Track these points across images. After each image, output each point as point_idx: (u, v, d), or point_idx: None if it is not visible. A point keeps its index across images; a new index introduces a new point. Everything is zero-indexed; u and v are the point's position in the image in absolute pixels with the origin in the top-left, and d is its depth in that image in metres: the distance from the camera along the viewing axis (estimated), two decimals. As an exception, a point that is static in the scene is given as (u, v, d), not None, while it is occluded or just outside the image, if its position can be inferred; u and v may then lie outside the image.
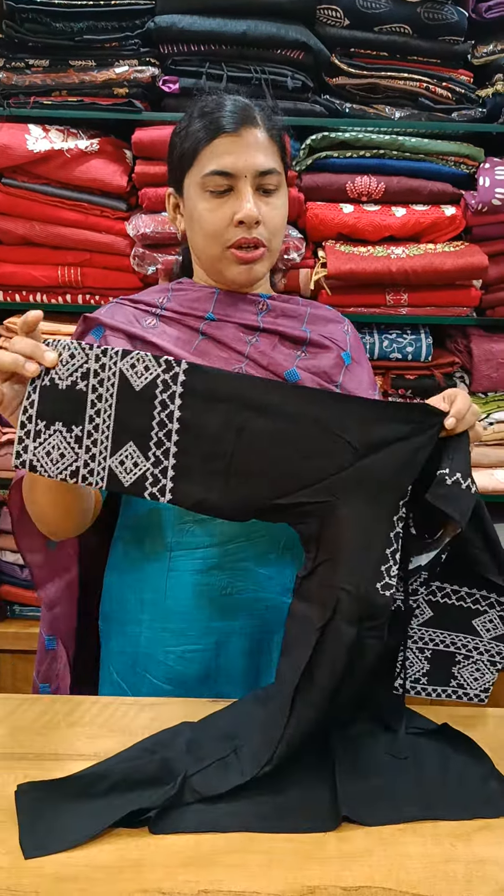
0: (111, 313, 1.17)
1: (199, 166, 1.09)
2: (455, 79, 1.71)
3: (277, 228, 1.11)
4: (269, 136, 1.10)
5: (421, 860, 0.79)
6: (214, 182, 1.07)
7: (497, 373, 1.74)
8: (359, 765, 0.91)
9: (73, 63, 1.66)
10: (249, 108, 1.10)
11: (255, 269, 1.11)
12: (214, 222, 1.09)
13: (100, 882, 0.75)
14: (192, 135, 1.10)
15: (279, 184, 1.10)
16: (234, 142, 1.07)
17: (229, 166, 1.07)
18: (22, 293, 1.77)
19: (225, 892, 0.74)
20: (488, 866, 0.78)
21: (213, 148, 1.07)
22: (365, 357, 1.24)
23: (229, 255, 1.10)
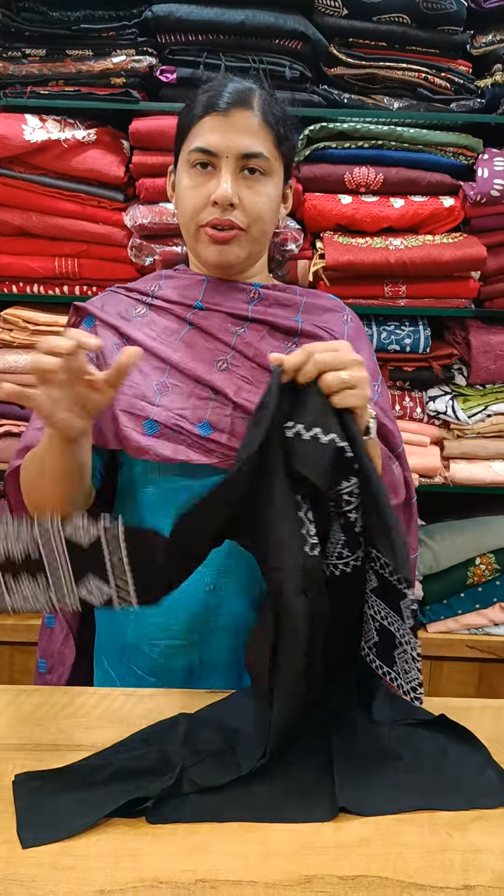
0: (103, 303, 1.17)
1: (188, 142, 1.09)
2: (454, 69, 1.71)
3: (259, 214, 1.09)
4: (264, 121, 1.08)
5: (418, 850, 0.79)
6: (197, 159, 1.07)
7: (495, 364, 1.73)
8: (356, 756, 0.91)
9: (70, 52, 1.66)
10: (247, 92, 1.09)
11: (227, 250, 1.09)
12: (192, 200, 1.08)
13: (97, 871, 0.76)
14: (188, 112, 1.11)
15: (267, 170, 1.08)
16: (221, 121, 1.06)
17: (212, 144, 1.06)
18: (19, 284, 1.76)
19: (222, 881, 0.75)
20: (484, 855, 0.79)
21: (201, 125, 1.07)
22: (367, 346, 1.21)
23: (202, 235, 1.09)
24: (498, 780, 0.89)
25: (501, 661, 1.84)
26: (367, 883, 0.75)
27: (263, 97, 1.11)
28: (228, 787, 0.86)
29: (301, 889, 0.74)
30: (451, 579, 1.83)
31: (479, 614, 1.85)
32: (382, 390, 1.20)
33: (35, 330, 1.72)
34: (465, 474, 1.77)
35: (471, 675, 1.85)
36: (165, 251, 1.68)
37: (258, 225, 1.10)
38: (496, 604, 1.84)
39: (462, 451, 1.78)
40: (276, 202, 1.13)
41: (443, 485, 1.78)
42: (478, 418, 1.75)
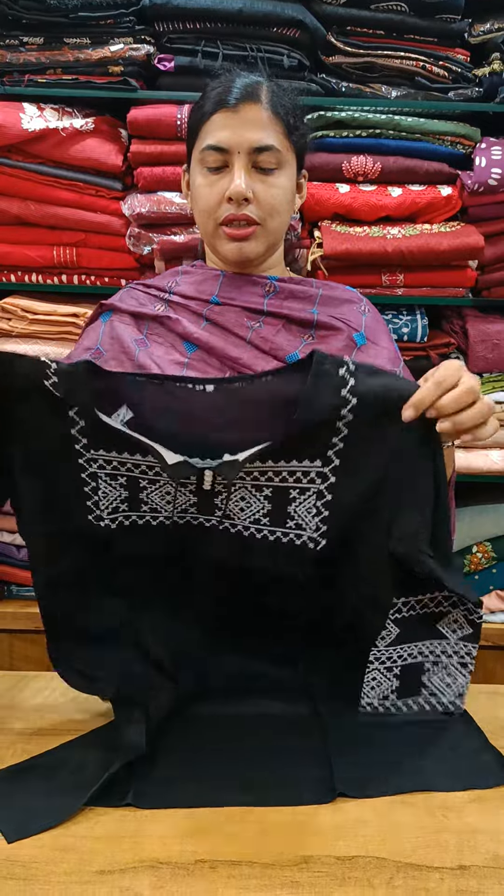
0: (121, 297, 1.20)
1: (200, 141, 1.10)
2: (452, 58, 1.70)
3: (274, 207, 1.10)
4: (273, 114, 1.09)
5: (414, 830, 0.80)
6: (209, 157, 1.08)
7: (492, 353, 1.74)
8: (352, 738, 0.92)
9: (67, 41, 1.65)
10: (255, 86, 1.09)
11: (246, 246, 1.11)
12: (208, 198, 1.09)
13: (98, 853, 0.77)
14: (198, 111, 1.11)
15: (280, 162, 1.09)
16: (230, 117, 1.07)
17: (223, 141, 1.07)
18: (17, 273, 1.76)
19: (221, 861, 0.76)
20: (480, 836, 0.80)
21: (211, 123, 1.08)
22: (386, 336, 1.19)
23: (221, 233, 1.11)
24: (495, 761, 0.90)
25: (497, 648, 1.85)
26: (363, 863, 0.76)
27: (272, 89, 1.11)
28: (224, 773, 0.87)
29: (298, 869, 0.75)
30: (448, 568, 1.84)
31: (475, 602, 1.86)
32: (405, 377, 1.20)
33: (33, 319, 1.72)
34: (462, 463, 1.77)
35: (467, 663, 1.86)
36: (164, 240, 1.68)
37: (274, 218, 1.11)
38: (493, 591, 1.85)
39: (459, 440, 1.78)
40: (290, 193, 1.14)
41: (440, 474, 1.79)
42: (475, 407, 1.75)
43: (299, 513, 0.91)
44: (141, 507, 0.92)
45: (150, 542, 0.94)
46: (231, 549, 0.93)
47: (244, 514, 0.91)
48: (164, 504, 0.91)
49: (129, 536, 0.94)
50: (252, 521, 0.91)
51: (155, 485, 0.90)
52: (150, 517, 0.93)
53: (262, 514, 0.91)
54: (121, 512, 0.93)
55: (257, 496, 0.90)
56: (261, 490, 0.89)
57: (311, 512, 0.91)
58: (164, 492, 0.90)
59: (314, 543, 0.92)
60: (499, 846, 0.78)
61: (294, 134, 1.12)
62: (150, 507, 0.92)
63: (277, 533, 0.92)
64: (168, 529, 0.93)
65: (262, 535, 0.92)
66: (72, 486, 0.91)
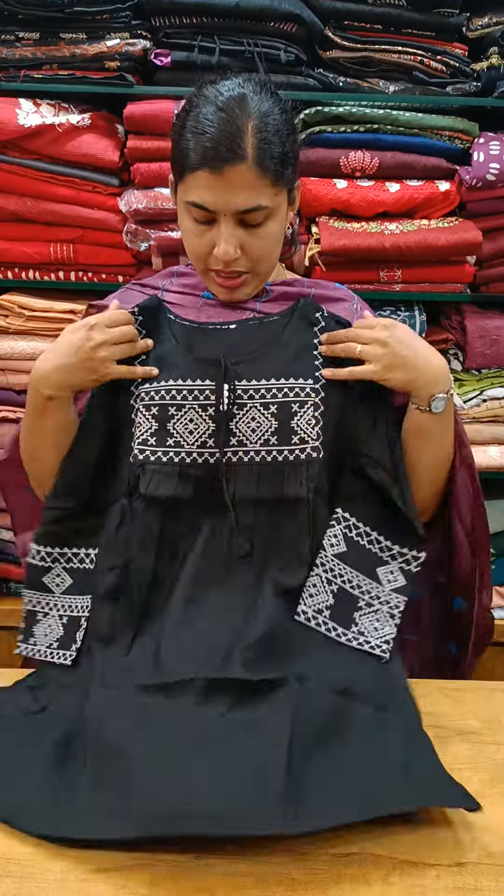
0: (121, 297, 1.21)
1: (185, 187, 1.04)
2: (449, 52, 1.70)
3: (263, 255, 1.07)
4: (261, 171, 1.00)
5: (410, 827, 0.80)
6: (195, 212, 1.04)
7: (491, 349, 1.74)
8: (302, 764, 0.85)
9: (63, 36, 1.64)
10: (238, 137, 0.99)
11: (237, 292, 1.11)
12: (196, 247, 1.07)
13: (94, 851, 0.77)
14: (181, 150, 1.03)
15: (267, 216, 1.04)
16: (214, 179, 0.99)
17: (208, 203, 1.01)
18: (14, 270, 1.76)
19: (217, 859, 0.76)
20: (476, 833, 0.80)
21: (195, 178, 1.01)
22: None
23: (211, 276, 1.10)
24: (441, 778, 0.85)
25: (495, 645, 1.85)
26: (359, 860, 0.76)
27: (259, 135, 1.00)
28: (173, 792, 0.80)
29: (294, 866, 0.75)
30: (446, 564, 1.84)
31: (474, 598, 1.86)
32: None
33: (31, 316, 1.72)
34: (461, 459, 1.77)
35: (466, 659, 1.86)
36: (161, 237, 1.68)
37: (264, 264, 1.09)
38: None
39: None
40: (281, 232, 1.10)
41: (438, 470, 1.79)
42: (473, 403, 1.75)
43: (301, 425, 1.06)
44: (166, 441, 1.06)
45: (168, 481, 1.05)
46: (245, 479, 1.05)
47: (255, 436, 1.06)
48: (186, 434, 1.06)
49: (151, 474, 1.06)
50: (262, 443, 1.06)
51: (181, 411, 1.06)
52: (174, 452, 1.05)
53: (271, 432, 1.06)
54: (148, 445, 1.06)
55: (265, 414, 1.06)
56: (268, 408, 1.07)
57: (311, 423, 1.06)
58: (188, 419, 1.06)
59: (316, 452, 1.06)
60: (495, 842, 0.79)
61: (283, 178, 1.05)
62: (175, 439, 1.06)
63: (285, 451, 1.05)
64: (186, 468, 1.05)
65: (272, 456, 1.05)
66: (125, 415, 1.10)
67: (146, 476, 1.06)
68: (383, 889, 0.73)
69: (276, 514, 1.06)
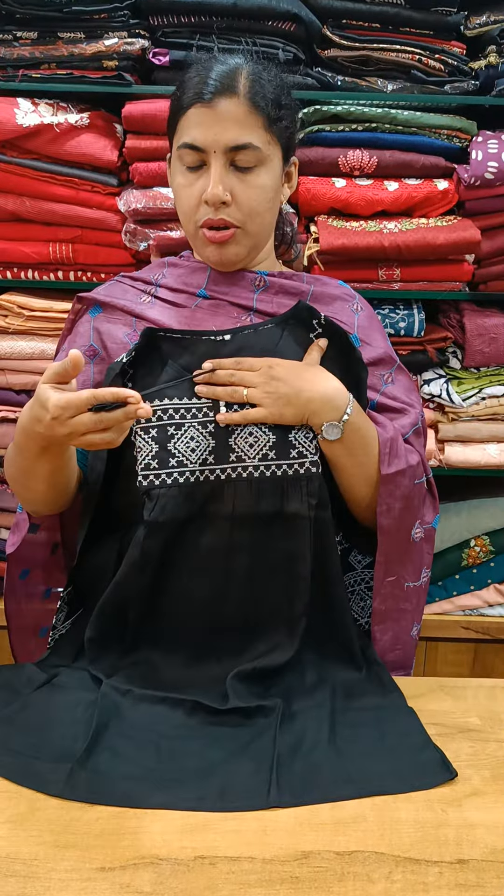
0: (109, 291, 1.18)
1: (177, 136, 1.05)
2: (448, 51, 1.70)
3: (254, 209, 1.06)
4: (252, 107, 1.02)
5: (413, 825, 0.81)
6: (186, 155, 1.03)
7: (490, 348, 1.74)
8: (297, 743, 0.92)
9: (61, 35, 1.64)
10: (234, 74, 1.03)
11: (226, 250, 1.08)
12: (186, 199, 1.06)
13: (98, 849, 0.77)
14: (176, 101, 1.06)
15: (259, 159, 1.04)
16: (205, 112, 1.01)
17: (199, 140, 1.02)
18: (13, 270, 1.76)
19: (220, 857, 0.76)
20: (478, 830, 0.80)
21: (187, 118, 1.02)
22: (380, 335, 1.21)
23: (200, 235, 1.08)
24: (435, 760, 0.89)
25: (495, 642, 1.86)
26: (362, 858, 0.76)
27: (252, 76, 1.04)
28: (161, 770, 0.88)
29: (298, 864, 0.75)
30: (446, 561, 1.85)
31: (473, 595, 1.86)
32: (397, 377, 1.20)
33: (30, 316, 1.71)
34: (460, 457, 1.78)
35: (465, 656, 1.87)
36: (160, 236, 1.67)
37: (254, 220, 1.07)
38: (490, 585, 1.86)
39: (457, 435, 1.79)
40: (272, 190, 1.09)
41: (437, 468, 1.79)
42: (472, 401, 1.75)
43: (299, 439, 1.06)
44: (169, 462, 1.04)
45: (173, 503, 1.03)
46: (245, 496, 1.04)
47: (253, 451, 1.05)
48: (188, 452, 1.04)
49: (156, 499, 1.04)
50: (261, 458, 1.04)
51: (181, 430, 1.04)
52: (178, 473, 1.03)
53: (269, 447, 1.05)
54: (151, 470, 1.04)
55: (263, 428, 1.05)
56: (265, 422, 1.05)
57: (309, 436, 1.06)
58: (189, 437, 1.04)
59: (315, 467, 1.05)
60: (497, 840, 0.79)
61: (276, 125, 1.06)
62: (177, 459, 1.04)
63: (284, 466, 1.04)
64: (190, 488, 1.03)
65: (271, 471, 1.04)
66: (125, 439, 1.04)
67: (151, 502, 1.03)
68: (386, 886, 0.73)
69: (276, 530, 1.04)
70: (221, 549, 1.04)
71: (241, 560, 1.04)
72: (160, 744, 0.92)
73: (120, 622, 1.07)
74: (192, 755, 0.90)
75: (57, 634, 1.17)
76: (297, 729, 0.94)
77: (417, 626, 1.20)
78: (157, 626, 1.06)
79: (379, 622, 1.15)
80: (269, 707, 0.97)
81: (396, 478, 1.09)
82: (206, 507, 1.04)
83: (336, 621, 1.09)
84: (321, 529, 1.06)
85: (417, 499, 1.14)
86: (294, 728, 0.94)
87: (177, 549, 1.05)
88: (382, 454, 1.09)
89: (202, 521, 1.04)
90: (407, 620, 1.17)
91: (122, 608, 1.06)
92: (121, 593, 1.06)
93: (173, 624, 1.06)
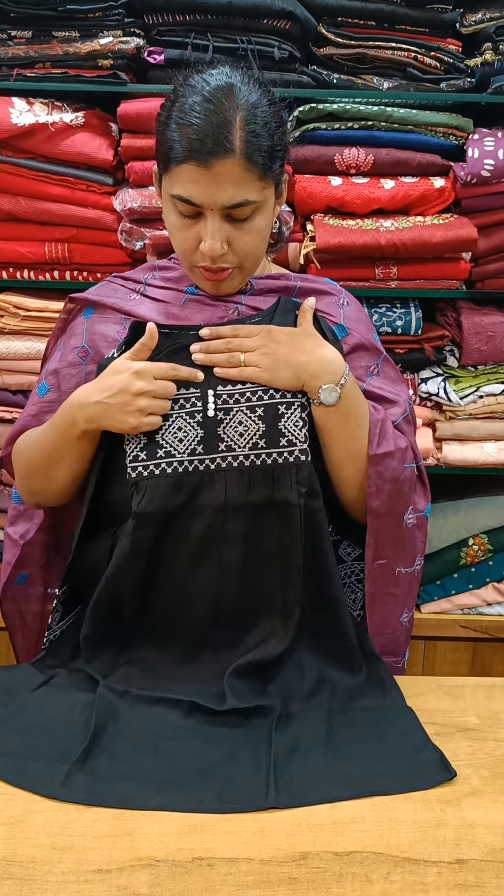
0: (100, 291, 1.19)
1: (170, 180, 1.03)
2: (443, 48, 1.69)
3: (249, 251, 1.07)
4: (249, 165, 0.99)
5: (411, 825, 0.80)
6: (180, 206, 1.03)
7: (487, 346, 1.73)
8: (294, 744, 0.92)
9: (56, 34, 1.63)
10: (226, 129, 0.97)
11: (223, 285, 1.10)
12: (181, 242, 1.06)
13: (95, 851, 0.77)
14: (167, 141, 1.02)
15: (255, 210, 1.04)
16: (201, 172, 0.98)
17: (195, 197, 1.00)
18: (9, 270, 1.75)
19: (218, 858, 0.76)
20: (477, 830, 0.80)
21: (181, 170, 1.00)
22: (365, 328, 1.22)
23: (197, 271, 1.09)
24: (434, 760, 0.89)
25: (494, 641, 1.86)
26: (361, 858, 0.76)
27: (247, 128, 0.99)
28: (159, 772, 0.88)
29: (296, 865, 0.75)
30: (444, 560, 1.84)
31: (472, 594, 1.86)
32: (383, 369, 1.21)
33: (26, 316, 1.71)
34: (458, 456, 1.77)
35: (464, 655, 1.87)
36: (155, 235, 1.67)
37: (250, 259, 1.09)
38: (489, 584, 1.86)
39: (454, 433, 1.79)
40: (267, 227, 1.09)
41: (435, 466, 1.79)
42: (469, 400, 1.75)
43: (289, 427, 1.05)
44: (157, 453, 1.04)
45: (161, 494, 1.03)
46: (236, 485, 1.04)
47: (243, 440, 1.04)
48: (176, 443, 1.05)
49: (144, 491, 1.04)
50: (251, 447, 1.04)
51: (169, 420, 1.05)
52: (165, 464, 1.04)
53: (259, 435, 1.04)
54: (140, 461, 1.04)
55: (252, 417, 1.05)
56: (254, 411, 1.05)
57: (298, 425, 1.05)
58: (177, 427, 1.05)
59: (304, 455, 1.05)
60: (496, 839, 0.79)
61: (271, 172, 1.04)
62: (165, 450, 1.04)
63: (274, 454, 1.04)
64: (179, 479, 1.03)
65: (261, 459, 1.04)
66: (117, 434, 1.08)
67: (139, 493, 1.04)
68: (385, 887, 0.73)
69: (267, 520, 1.05)
70: (214, 540, 1.05)
71: (233, 550, 1.05)
72: (158, 745, 0.92)
73: (114, 618, 1.07)
74: (190, 756, 0.90)
75: (52, 635, 1.18)
76: (295, 730, 0.94)
77: (409, 612, 1.20)
78: (152, 619, 1.06)
79: (368, 605, 1.15)
80: (268, 707, 0.97)
81: (385, 459, 1.09)
82: (197, 498, 1.04)
83: (331, 613, 1.09)
84: (312, 518, 1.06)
85: (408, 484, 1.14)
86: (292, 729, 0.94)
87: (168, 540, 1.05)
88: (372, 434, 1.09)
89: (193, 512, 1.04)
90: (397, 605, 1.17)
91: (116, 603, 1.06)
92: (114, 587, 1.06)
93: (167, 617, 1.06)
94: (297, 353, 1.05)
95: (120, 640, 1.07)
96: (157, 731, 0.94)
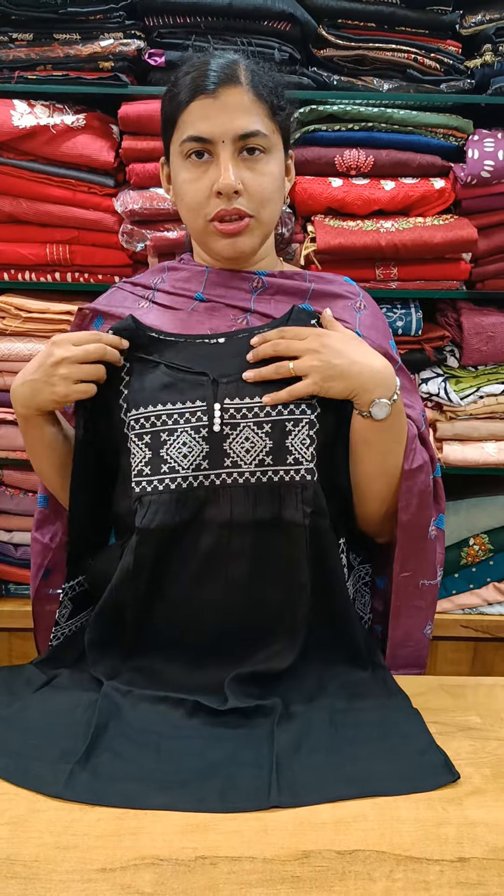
0: (109, 300, 1.19)
1: (179, 132, 1.04)
2: (443, 49, 1.70)
3: (265, 197, 1.05)
4: (256, 95, 1.02)
5: (413, 824, 0.81)
6: (192, 148, 1.02)
7: (487, 346, 1.74)
8: (297, 743, 0.92)
9: (57, 37, 1.64)
10: (233, 66, 1.02)
11: (240, 241, 1.07)
12: (194, 194, 1.04)
13: (99, 850, 0.77)
14: (174, 98, 1.05)
15: (268, 147, 1.04)
16: (210, 104, 1.00)
17: (205, 131, 1.00)
18: (10, 271, 1.75)
19: (221, 857, 0.76)
20: (479, 828, 0.80)
21: (190, 111, 1.01)
22: (382, 334, 1.18)
23: (212, 229, 1.06)
24: (438, 761, 0.89)
25: (495, 640, 1.86)
26: (363, 857, 0.76)
27: (251, 68, 1.05)
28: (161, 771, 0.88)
29: (299, 864, 0.75)
30: (445, 560, 1.84)
31: (473, 594, 1.86)
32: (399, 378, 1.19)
33: (27, 317, 1.71)
34: (458, 456, 1.78)
35: (465, 654, 1.87)
36: (157, 237, 1.67)
37: (267, 208, 1.06)
38: (490, 583, 1.86)
39: (455, 433, 1.79)
40: (280, 179, 1.09)
41: (436, 466, 1.79)
42: (470, 400, 1.75)
43: (296, 445, 1.03)
44: (161, 468, 1.03)
45: (164, 510, 1.02)
46: (242, 502, 1.02)
47: (249, 457, 1.02)
48: (180, 458, 1.02)
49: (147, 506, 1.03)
50: (257, 464, 1.02)
51: (174, 435, 1.03)
52: (169, 479, 1.02)
53: (266, 452, 1.02)
54: (143, 476, 1.03)
55: (259, 433, 1.03)
56: (261, 427, 1.03)
57: (305, 443, 1.03)
58: (181, 442, 1.03)
59: (311, 475, 1.02)
60: (498, 838, 0.79)
61: (279, 114, 1.06)
62: (169, 465, 1.03)
63: (280, 472, 1.02)
64: (183, 494, 1.02)
65: (268, 476, 1.02)
66: (121, 444, 1.07)
67: (143, 508, 1.02)
68: (387, 885, 0.73)
69: (274, 537, 1.03)
70: (220, 556, 1.03)
71: (240, 566, 1.03)
72: (160, 744, 0.92)
73: (119, 626, 1.06)
74: (193, 756, 0.90)
75: (59, 633, 1.17)
76: (298, 729, 0.94)
77: (430, 624, 1.19)
78: (157, 629, 1.06)
79: (392, 618, 1.14)
80: (269, 707, 0.97)
81: (416, 474, 1.08)
82: (202, 513, 1.03)
83: (341, 634, 1.08)
84: (318, 538, 1.03)
85: (430, 496, 1.13)
86: (294, 728, 0.94)
87: (173, 556, 1.04)
88: (408, 450, 1.07)
89: (198, 527, 1.03)
90: (420, 618, 1.17)
91: (119, 613, 1.06)
92: (116, 598, 1.06)
93: (173, 630, 1.05)
94: (352, 362, 1.01)
95: (125, 647, 1.06)
96: (159, 730, 0.94)
